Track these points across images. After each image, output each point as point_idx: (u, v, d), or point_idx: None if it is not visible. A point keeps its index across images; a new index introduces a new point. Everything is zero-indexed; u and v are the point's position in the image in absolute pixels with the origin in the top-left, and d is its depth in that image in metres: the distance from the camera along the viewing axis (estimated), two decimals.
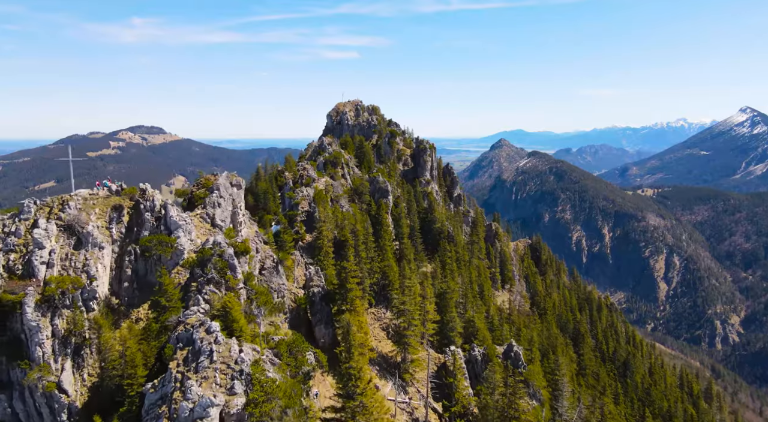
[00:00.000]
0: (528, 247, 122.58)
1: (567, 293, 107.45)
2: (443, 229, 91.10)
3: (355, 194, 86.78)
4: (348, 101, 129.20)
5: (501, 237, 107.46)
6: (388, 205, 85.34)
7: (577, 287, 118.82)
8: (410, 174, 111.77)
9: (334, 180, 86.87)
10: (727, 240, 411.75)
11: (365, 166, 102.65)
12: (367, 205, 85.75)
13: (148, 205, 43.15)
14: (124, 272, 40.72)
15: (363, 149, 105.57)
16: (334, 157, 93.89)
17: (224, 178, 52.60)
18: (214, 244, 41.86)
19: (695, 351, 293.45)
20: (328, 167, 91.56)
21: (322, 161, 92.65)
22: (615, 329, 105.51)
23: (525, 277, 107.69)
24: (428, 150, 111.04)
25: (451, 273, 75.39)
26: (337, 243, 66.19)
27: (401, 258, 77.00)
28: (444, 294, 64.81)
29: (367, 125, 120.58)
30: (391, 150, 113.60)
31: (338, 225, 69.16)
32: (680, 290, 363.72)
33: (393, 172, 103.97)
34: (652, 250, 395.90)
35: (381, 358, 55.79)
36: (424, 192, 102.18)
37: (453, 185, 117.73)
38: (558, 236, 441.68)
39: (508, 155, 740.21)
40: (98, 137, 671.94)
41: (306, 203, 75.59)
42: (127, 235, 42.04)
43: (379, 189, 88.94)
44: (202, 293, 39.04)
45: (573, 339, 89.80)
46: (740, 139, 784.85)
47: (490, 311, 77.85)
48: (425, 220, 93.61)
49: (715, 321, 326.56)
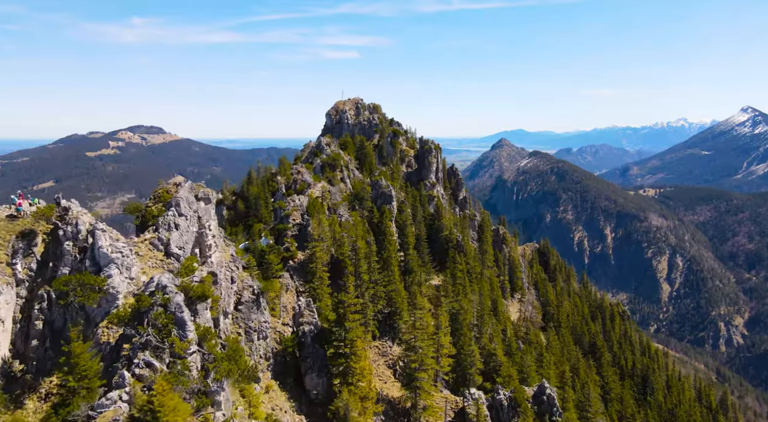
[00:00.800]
0: (536, 252, 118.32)
1: (578, 301, 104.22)
2: (451, 238, 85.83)
3: (356, 200, 79.88)
4: (348, 99, 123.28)
5: (508, 241, 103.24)
6: (391, 212, 79.28)
7: (587, 293, 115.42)
8: (414, 176, 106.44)
9: (332, 185, 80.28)
10: (730, 240, 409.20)
11: (366, 168, 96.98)
12: (369, 212, 79.06)
13: (70, 232, 30.71)
14: (32, 325, 29.05)
15: (364, 150, 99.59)
16: (333, 159, 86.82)
17: (186, 190, 40.32)
18: (157, 289, 29.21)
19: (699, 353, 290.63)
20: (326, 170, 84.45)
21: (320, 163, 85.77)
22: (630, 339, 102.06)
23: (534, 284, 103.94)
24: (433, 150, 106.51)
25: (462, 290, 69.88)
26: (335, 262, 58.25)
27: (406, 271, 71.94)
28: (456, 316, 59.24)
29: (368, 124, 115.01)
30: (394, 151, 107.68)
31: (336, 240, 60.84)
32: (683, 291, 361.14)
33: (396, 175, 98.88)
34: (655, 251, 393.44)
35: (388, 405, 47.76)
36: (430, 196, 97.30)
37: (458, 187, 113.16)
38: (560, 237, 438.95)
39: (509, 155, 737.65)
40: (97, 137, 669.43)
41: (298, 214, 66.59)
42: (39, 273, 30.05)
43: (382, 194, 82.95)
44: (132, 366, 25.90)
45: (590, 352, 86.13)
46: (741, 138, 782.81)
47: (507, 331, 73.44)
48: (432, 227, 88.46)
49: (718, 322, 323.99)
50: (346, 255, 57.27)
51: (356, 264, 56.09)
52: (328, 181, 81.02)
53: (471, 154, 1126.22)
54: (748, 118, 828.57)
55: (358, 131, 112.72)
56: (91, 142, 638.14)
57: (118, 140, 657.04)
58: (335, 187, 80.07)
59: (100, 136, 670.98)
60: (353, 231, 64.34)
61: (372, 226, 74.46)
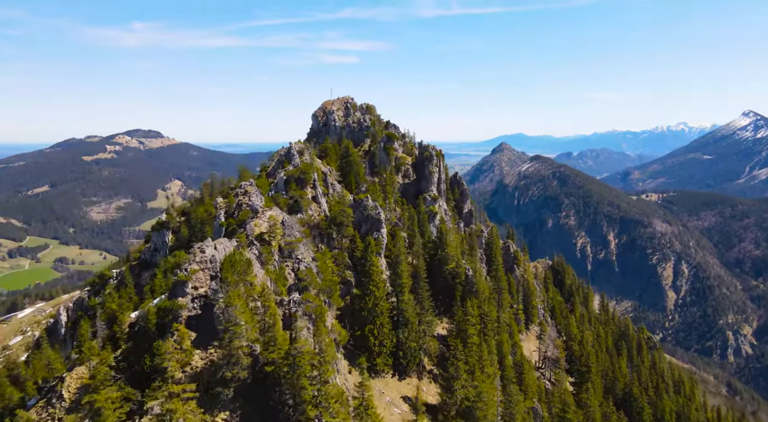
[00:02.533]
0: (549, 270, 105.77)
1: (600, 329, 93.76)
2: (458, 272, 69.10)
3: (333, 226, 61.68)
4: (337, 99, 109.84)
5: (521, 261, 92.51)
6: (380, 244, 61.18)
7: (607, 317, 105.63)
8: (412, 188, 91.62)
9: (293, 210, 61.50)
10: (736, 247, 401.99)
11: (352, 180, 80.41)
12: (351, 241, 62.29)
13: None
14: None
15: (350, 158, 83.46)
16: (302, 172, 67.10)
17: None
18: None
19: (707, 363, 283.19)
20: (292, 187, 64.98)
21: (283, 178, 66.76)
22: (661, 375, 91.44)
23: (551, 310, 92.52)
24: (435, 158, 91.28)
25: (479, 362, 54.13)
26: (263, 375, 35.07)
27: (398, 323, 55.76)
28: (471, 413, 45.03)
29: (359, 127, 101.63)
30: (388, 158, 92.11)
31: (268, 341, 35.20)
32: (689, 299, 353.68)
33: (390, 188, 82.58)
34: (660, 257, 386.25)
35: None
36: (431, 212, 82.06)
37: (463, 199, 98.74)
38: (562, 242, 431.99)
39: (510, 159, 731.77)
40: (95, 141, 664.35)
41: (204, 277, 39.57)
42: None
43: (368, 218, 64.63)
44: None
45: (623, 405, 75.75)
46: (743, 143, 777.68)
47: (541, 412, 60.56)
48: (433, 256, 71.77)
49: (726, 331, 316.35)
50: (285, 364, 33.66)
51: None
52: (290, 204, 62.27)
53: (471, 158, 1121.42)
54: (750, 122, 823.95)
55: (347, 134, 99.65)
56: (88, 146, 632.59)
57: (116, 144, 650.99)
58: (297, 214, 61.14)
59: (98, 140, 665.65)
60: (317, 284, 45.23)
61: (353, 262, 59.88)
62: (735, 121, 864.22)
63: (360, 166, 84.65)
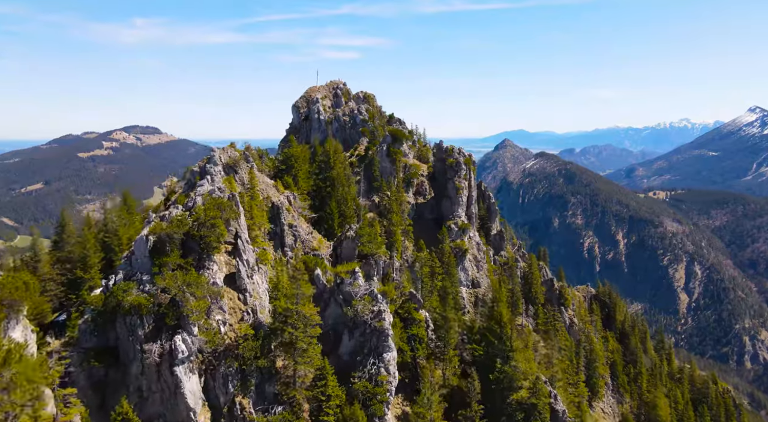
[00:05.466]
0: (594, 301, 77.57)
1: (672, 387, 69.55)
2: (527, 401, 39.13)
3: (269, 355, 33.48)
4: (324, 85, 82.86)
5: (569, 301, 66.67)
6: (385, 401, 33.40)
7: (667, 358, 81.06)
8: (428, 212, 65.52)
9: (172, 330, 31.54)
10: (750, 247, 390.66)
11: (334, 208, 51.77)
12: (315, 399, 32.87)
13: None
14: None
15: (331, 171, 55.13)
16: (208, 219, 34.52)
17: None
18: None
19: (724, 370, 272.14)
20: (172, 254, 33.71)
21: (165, 236, 34.46)
22: None
23: (611, 366, 66.48)
24: (463, 167, 66.44)
25: None
26: None
27: None
28: None
29: (352, 121, 73.42)
30: (394, 166, 66.10)
31: None
32: (703, 302, 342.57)
33: (398, 218, 54.75)
34: (671, 258, 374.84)
35: None
36: (459, 249, 55.91)
37: (491, 216, 75.12)
38: (569, 242, 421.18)
39: (513, 156, 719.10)
40: (92, 137, 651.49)
41: None
42: None
43: (358, 325, 35.68)
44: None
45: None
46: (750, 139, 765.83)
47: None
48: (483, 369, 40.85)
49: (743, 336, 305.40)
50: None
51: None
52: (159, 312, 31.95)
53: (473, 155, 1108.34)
54: (757, 118, 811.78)
55: (336, 132, 72.23)
56: (85, 143, 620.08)
57: (113, 140, 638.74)
58: (181, 334, 31.43)
59: (95, 136, 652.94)
60: None
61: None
62: (741, 116, 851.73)
63: (348, 184, 56.67)
